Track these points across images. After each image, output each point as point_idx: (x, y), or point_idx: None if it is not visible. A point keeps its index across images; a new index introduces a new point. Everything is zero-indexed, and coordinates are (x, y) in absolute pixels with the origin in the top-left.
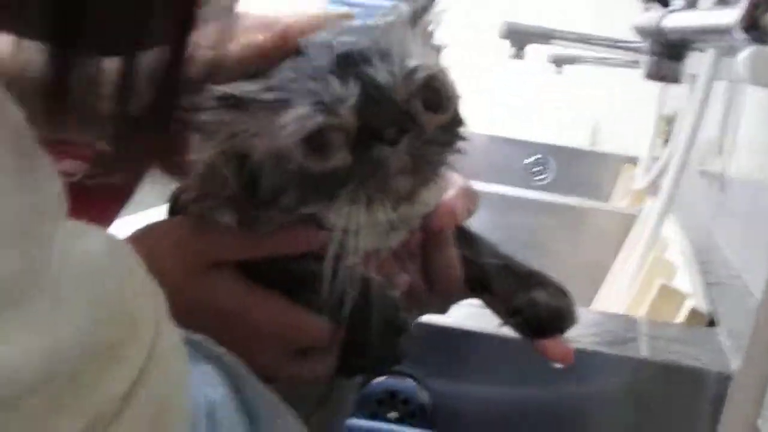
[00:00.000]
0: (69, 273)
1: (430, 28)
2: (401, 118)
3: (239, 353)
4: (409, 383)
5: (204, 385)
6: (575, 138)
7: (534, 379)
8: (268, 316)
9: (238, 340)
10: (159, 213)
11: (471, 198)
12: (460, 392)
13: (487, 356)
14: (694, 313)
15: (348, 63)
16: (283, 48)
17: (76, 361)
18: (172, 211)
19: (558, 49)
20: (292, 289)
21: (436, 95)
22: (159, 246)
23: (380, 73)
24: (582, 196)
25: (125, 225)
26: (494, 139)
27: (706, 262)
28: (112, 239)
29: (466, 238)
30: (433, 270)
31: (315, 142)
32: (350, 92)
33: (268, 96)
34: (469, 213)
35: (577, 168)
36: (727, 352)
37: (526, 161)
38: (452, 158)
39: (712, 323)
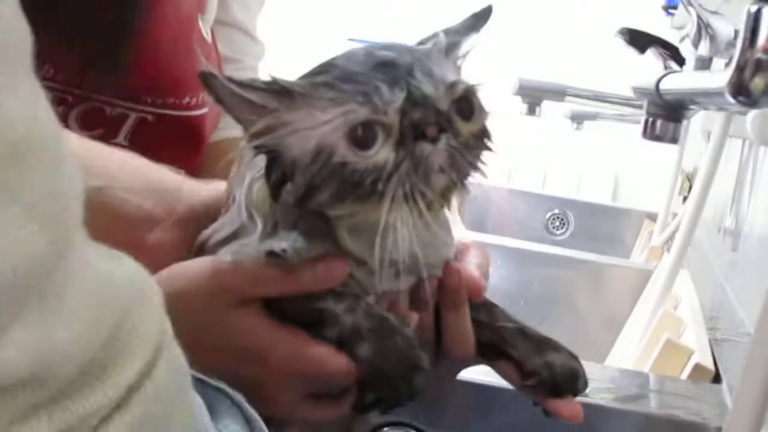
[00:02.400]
0: (83, 285)
1: (459, 62)
2: (441, 120)
3: (260, 393)
4: None
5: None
6: (596, 193)
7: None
8: (291, 352)
9: (260, 380)
10: None
11: (485, 261)
12: None
13: (491, 408)
14: (698, 368)
15: (393, 72)
16: None
17: (63, 371)
18: (201, 252)
19: (576, 105)
20: (312, 328)
21: (470, 106)
22: (189, 285)
23: (425, 84)
24: (602, 252)
25: None
26: (514, 193)
27: (716, 318)
28: (138, 270)
29: (481, 303)
30: (448, 332)
31: (359, 137)
32: (396, 96)
33: (316, 92)
34: (485, 276)
35: (596, 223)
36: (731, 408)
37: (546, 215)
38: (481, 166)
39: (717, 379)
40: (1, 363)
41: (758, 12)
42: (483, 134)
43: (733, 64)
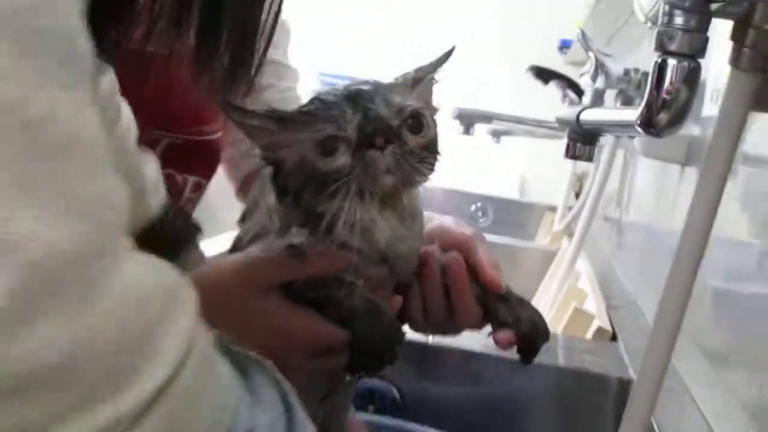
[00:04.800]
0: (119, 285)
1: (426, 92)
2: (389, 134)
3: (280, 355)
4: (384, 384)
5: (259, 407)
6: (508, 190)
7: (481, 382)
8: (308, 328)
9: (280, 346)
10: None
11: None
12: (424, 390)
13: (444, 364)
14: (600, 330)
15: (357, 99)
16: None
17: (91, 366)
18: (234, 250)
19: (496, 125)
20: (321, 308)
21: (419, 124)
22: (226, 277)
23: (380, 107)
24: (514, 236)
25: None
26: (447, 191)
27: (609, 289)
28: (174, 275)
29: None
30: (457, 309)
31: (326, 147)
32: (356, 117)
33: (300, 117)
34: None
35: (510, 214)
36: (626, 361)
37: (472, 208)
38: (428, 174)
39: (614, 338)
40: (28, 352)
41: (663, 62)
42: (429, 145)
43: (643, 103)
